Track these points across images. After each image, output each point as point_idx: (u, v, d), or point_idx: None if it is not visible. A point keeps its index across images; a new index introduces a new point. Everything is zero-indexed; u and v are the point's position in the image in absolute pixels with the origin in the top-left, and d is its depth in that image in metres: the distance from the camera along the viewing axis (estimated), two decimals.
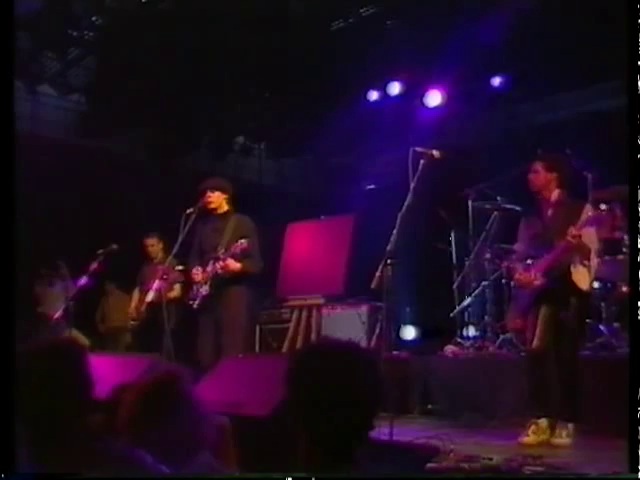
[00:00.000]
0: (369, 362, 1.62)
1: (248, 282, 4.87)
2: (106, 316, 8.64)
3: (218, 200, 4.85)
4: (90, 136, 8.25)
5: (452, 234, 6.22)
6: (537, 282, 3.85)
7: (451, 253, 6.17)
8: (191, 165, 9.21)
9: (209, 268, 4.78)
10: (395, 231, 3.84)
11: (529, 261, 3.96)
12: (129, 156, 8.78)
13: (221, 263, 4.66)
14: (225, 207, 4.91)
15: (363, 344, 5.95)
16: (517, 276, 4.03)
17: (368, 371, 1.59)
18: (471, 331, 5.78)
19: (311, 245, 7.29)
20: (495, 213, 5.71)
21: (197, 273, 4.81)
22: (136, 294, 6.60)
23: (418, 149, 4.03)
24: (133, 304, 6.53)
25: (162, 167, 8.69)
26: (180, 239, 4.65)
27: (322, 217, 7.57)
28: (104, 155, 8.38)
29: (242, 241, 4.59)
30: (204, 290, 4.77)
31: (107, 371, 4.24)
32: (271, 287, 7.28)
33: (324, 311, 6.75)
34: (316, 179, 10.10)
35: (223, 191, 4.88)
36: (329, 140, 8.38)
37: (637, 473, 1.30)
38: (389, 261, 3.76)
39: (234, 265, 4.67)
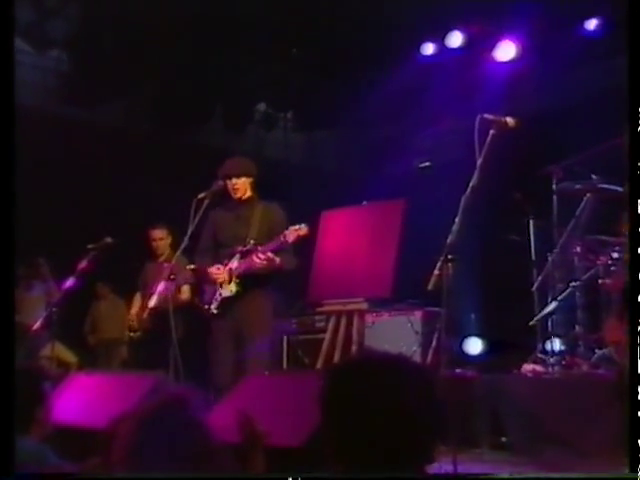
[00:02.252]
0: (425, 381, 1.63)
1: (275, 283, 4.93)
2: (97, 326, 8.81)
3: (244, 186, 4.94)
4: (75, 103, 8.35)
5: (530, 222, 6.14)
6: None
7: (529, 246, 6.10)
8: (202, 140, 9.29)
9: (234, 264, 4.83)
10: (457, 219, 3.82)
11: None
12: (125, 129, 8.89)
13: (262, 256, 4.67)
14: (249, 192, 4.99)
15: (417, 359, 5.95)
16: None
17: (423, 392, 1.60)
18: (557, 344, 5.70)
19: (351, 237, 7.29)
20: (588, 195, 5.60)
21: (219, 271, 4.84)
22: (138, 299, 6.70)
23: (487, 116, 4.00)
24: (134, 310, 6.62)
25: (166, 143, 8.79)
26: (190, 230, 4.72)
27: (364, 203, 7.57)
28: (93, 127, 8.51)
29: (300, 226, 4.61)
30: (227, 291, 4.82)
31: (102, 394, 4.35)
32: (302, 289, 7.31)
33: (368, 318, 6.77)
34: (356, 156, 10.09)
35: (249, 175, 4.97)
36: (372, 107, 8.35)
37: (637, 473, 1.46)
38: (450, 256, 3.74)
39: (276, 261, 4.72)
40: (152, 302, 5.06)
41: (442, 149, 8.56)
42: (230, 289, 4.80)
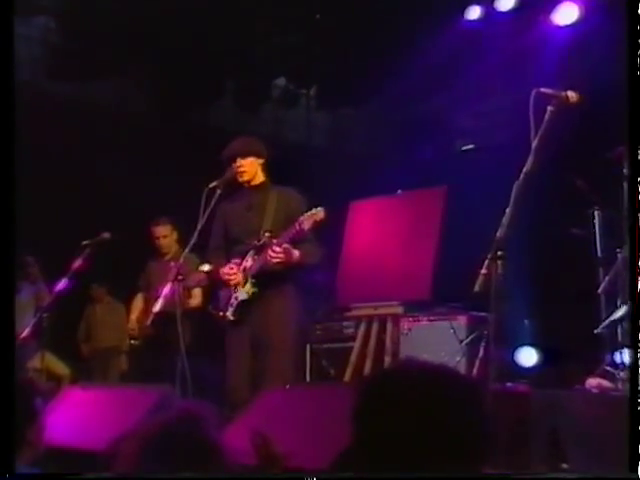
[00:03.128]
0: (472, 396, 1.62)
1: (296, 282, 4.91)
2: (92, 333, 8.87)
3: (252, 168, 4.91)
4: (64, 79, 8.39)
5: (596, 214, 6.09)
6: None
7: (594, 241, 6.05)
8: (211, 121, 9.32)
9: (248, 263, 4.82)
10: (508, 210, 3.78)
11: None
12: (122, 110, 8.94)
13: (277, 249, 4.63)
14: (261, 177, 4.97)
15: (461, 371, 5.92)
16: None
17: (470, 409, 1.60)
18: (627, 356, 5.65)
19: (384, 231, 7.27)
20: None
21: (232, 271, 4.82)
22: (139, 301, 6.75)
23: (544, 90, 3.95)
24: (134, 315, 6.67)
25: (170, 125, 8.81)
26: (200, 225, 4.70)
27: (399, 191, 7.55)
28: (86, 107, 8.55)
29: (317, 210, 4.57)
30: (242, 294, 4.82)
31: (99, 411, 4.38)
32: (327, 291, 7.33)
33: (403, 324, 6.74)
34: (388, 137, 10.07)
35: (257, 155, 4.93)
36: (407, 81, 8.30)
37: (637, 473, 1.61)
38: (499, 253, 3.69)
39: (294, 253, 4.69)
40: (157, 306, 5.07)
41: (489, 129, 8.51)
42: (246, 291, 4.80)
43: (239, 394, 4.61)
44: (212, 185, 4.77)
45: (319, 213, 4.55)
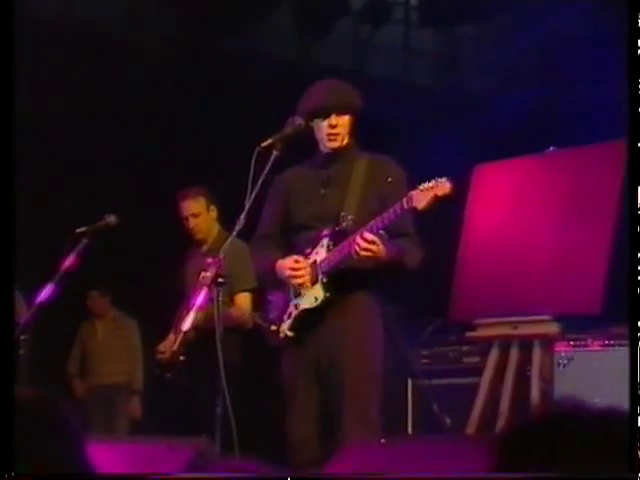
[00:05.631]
0: None
1: (386, 289, 4.92)
2: (92, 363, 8.99)
3: (346, 130, 4.94)
4: None
5: None
6: None
7: None
8: (258, 48, 9.35)
9: (320, 255, 4.84)
10: None
11: None
12: (132, 30, 9.04)
13: (368, 236, 4.58)
14: (345, 139, 4.98)
15: None
16: None
17: None
18: None
19: (526, 208, 7.23)
20: None
21: (299, 265, 4.85)
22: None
23: None
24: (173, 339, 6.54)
25: (202, 53, 8.88)
26: (249, 202, 4.73)
27: (550, 148, 7.48)
28: (80, 29, 8.66)
29: (440, 180, 4.52)
30: (308, 300, 4.84)
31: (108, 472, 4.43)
32: (436, 302, 7.35)
33: (560, 350, 6.68)
34: (527, 66, 9.98)
35: (356, 111, 4.96)
36: None
37: (637, 473, 1.87)
38: None
39: (390, 248, 4.69)
40: (187, 323, 5.12)
41: None
42: (314, 296, 4.82)
43: (308, 450, 4.68)
44: (266, 144, 4.78)
45: (442, 185, 4.53)
